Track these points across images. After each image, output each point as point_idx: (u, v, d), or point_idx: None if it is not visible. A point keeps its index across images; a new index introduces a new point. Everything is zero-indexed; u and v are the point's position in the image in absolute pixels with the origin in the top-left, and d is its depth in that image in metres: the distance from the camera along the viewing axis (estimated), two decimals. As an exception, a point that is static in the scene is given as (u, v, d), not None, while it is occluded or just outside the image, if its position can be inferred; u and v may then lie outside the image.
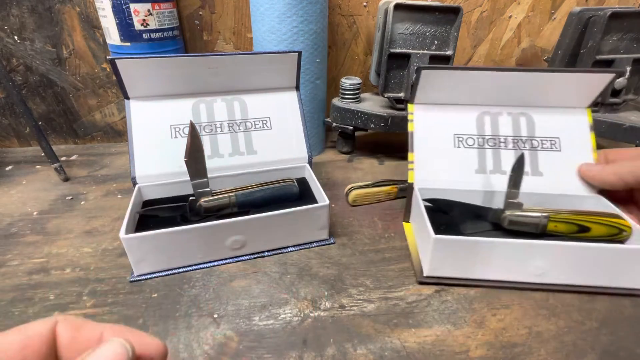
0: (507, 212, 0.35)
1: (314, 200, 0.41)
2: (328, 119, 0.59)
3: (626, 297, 0.33)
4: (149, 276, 0.35)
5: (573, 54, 0.57)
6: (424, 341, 0.29)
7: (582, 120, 0.42)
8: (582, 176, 0.40)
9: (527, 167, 0.40)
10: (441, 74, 0.39)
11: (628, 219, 0.34)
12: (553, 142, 0.41)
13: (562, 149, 0.41)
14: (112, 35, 0.50)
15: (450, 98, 0.41)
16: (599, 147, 0.47)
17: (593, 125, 0.41)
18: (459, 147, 0.41)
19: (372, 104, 0.58)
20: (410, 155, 0.41)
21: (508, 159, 0.41)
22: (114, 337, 0.16)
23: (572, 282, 0.33)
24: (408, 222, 0.43)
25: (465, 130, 0.41)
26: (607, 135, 0.55)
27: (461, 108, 0.42)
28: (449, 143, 0.41)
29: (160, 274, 0.35)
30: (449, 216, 0.39)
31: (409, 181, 0.40)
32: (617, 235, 0.34)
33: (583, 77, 0.39)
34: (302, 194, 0.42)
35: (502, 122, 0.41)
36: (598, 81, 0.39)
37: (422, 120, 0.42)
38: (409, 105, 0.42)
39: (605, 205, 0.38)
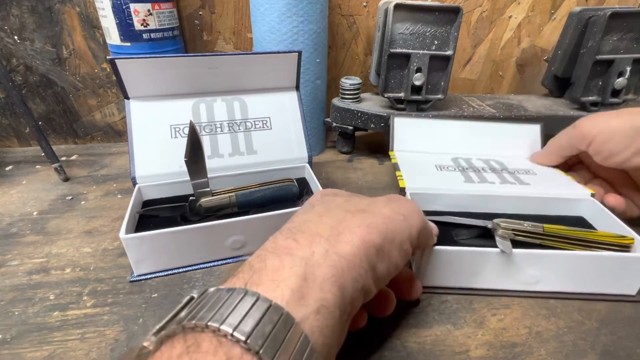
0: (500, 232, 0.33)
1: (314, 200, 0.41)
2: (328, 119, 0.59)
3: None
4: (149, 276, 0.35)
5: (573, 54, 0.57)
6: (424, 341, 0.29)
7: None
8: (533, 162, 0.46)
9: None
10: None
11: (631, 232, 0.33)
12: (530, 172, 0.44)
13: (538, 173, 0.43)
14: (112, 35, 0.50)
15: None
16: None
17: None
18: (441, 171, 0.43)
19: (372, 104, 0.58)
20: (397, 173, 0.42)
21: (493, 178, 0.41)
22: None
23: (565, 290, 0.33)
24: None
25: (444, 163, 0.45)
26: (607, 135, 0.55)
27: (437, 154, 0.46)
28: (432, 169, 0.43)
29: (160, 274, 0.35)
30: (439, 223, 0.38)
31: (400, 186, 0.40)
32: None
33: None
34: (302, 194, 0.42)
35: (475, 162, 0.45)
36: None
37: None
38: (390, 152, 0.46)
39: (599, 210, 0.37)
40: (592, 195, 0.39)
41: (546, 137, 0.46)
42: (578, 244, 0.33)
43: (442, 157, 0.46)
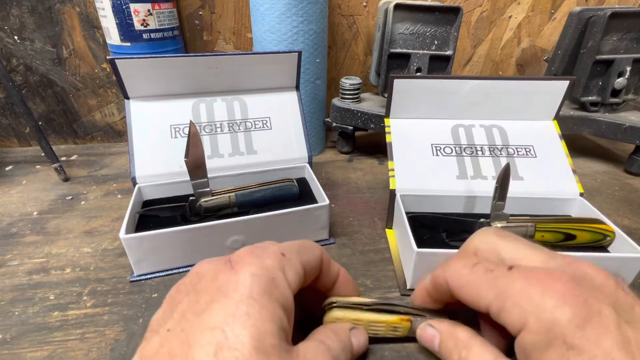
0: (494, 225, 0.34)
1: (314, 200, 0.41)
2: (328, 119, 0.59)
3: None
4: (149, 276, 0.35)
5: (573, 54, 0.57)
6: (424, 341, 0.29)
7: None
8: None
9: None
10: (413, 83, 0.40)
11: (610, 223, 0.34)
12: (528, 150, 0.42)
13: (538, 156, 0.42)
14: (112, 35, 0.50)
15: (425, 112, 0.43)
16: (600, 147, 0.46)
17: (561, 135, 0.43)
18: (437, 155, 0.42)
19: (372, 104, 0.58)
20: (390, 164, 0.41)
21: (487, 166, 0.41)
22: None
23: None
24: (391, 229, 0.42)
25: (441, 140, 0.42)
26: (607, 135, 0.55)
27: (436, 121, 0.44)
28: (427, 152, 0.42)
29: (160, 274, 0.35)
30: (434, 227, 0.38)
31: (391, 188, 0.39)
32: (601, 241, 0.34)
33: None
34: (302, 194, 0.42)
35: (476, 133, 0.43)
36: (556, 89, 0.41)
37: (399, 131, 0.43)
38: (386, 120, 0.43)
39: (587, 208, 0.38)
40: (581, 194, 0.39)
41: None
42: (563, 230, 0.34)
43: (442, 127, 0.43)
